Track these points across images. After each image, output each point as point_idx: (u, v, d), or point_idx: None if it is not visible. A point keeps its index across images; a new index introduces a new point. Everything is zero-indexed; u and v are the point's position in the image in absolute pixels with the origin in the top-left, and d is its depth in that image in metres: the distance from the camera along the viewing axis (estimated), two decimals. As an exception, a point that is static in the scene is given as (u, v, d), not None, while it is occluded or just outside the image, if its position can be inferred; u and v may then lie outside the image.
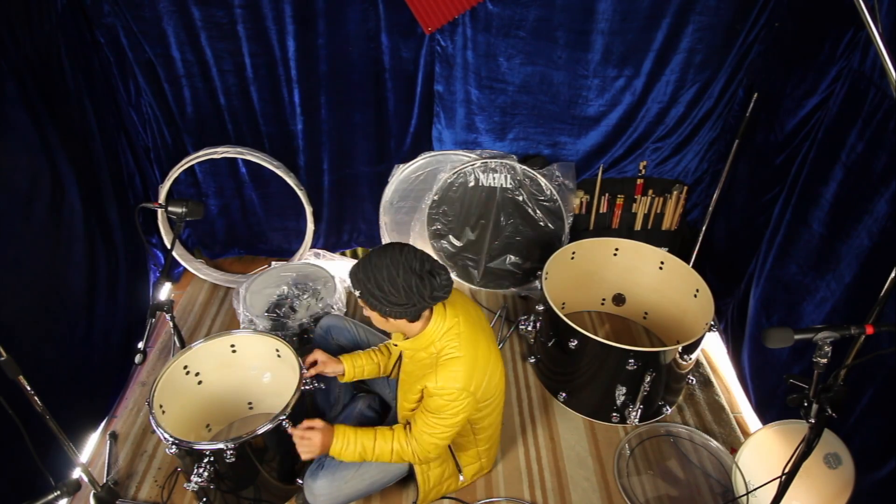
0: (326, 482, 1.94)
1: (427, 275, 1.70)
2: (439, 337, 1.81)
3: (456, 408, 1.80)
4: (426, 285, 1.69)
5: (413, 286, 1.67)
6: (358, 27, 2.58)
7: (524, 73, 2.71)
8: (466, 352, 1.80)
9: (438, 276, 1.72)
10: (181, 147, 2.90)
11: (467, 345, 1.81)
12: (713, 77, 2.68)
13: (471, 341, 1.83)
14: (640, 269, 2.85)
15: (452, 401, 1.78)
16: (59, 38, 2.25)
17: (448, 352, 1.80)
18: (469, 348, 1.81)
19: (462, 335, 1.82)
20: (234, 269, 3.40)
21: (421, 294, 1.69)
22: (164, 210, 2.16)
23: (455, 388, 1.77)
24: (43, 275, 2.11)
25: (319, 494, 1.93)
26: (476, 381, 1.81)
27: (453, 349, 1.80)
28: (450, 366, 1.78)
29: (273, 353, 2.21)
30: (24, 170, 2.02)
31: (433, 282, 1.70)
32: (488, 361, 1.87)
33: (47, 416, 1.76)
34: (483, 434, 2.07)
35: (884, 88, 1.80)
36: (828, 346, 1.35)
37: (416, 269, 1.68)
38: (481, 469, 2.22)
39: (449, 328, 1.81)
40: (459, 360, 1.79)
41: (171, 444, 1.84)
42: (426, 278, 1.69)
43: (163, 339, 2.92)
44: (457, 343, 1.80)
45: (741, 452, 2.11)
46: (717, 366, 2.91)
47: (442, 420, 1.81)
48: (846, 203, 1.98)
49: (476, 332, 1.86)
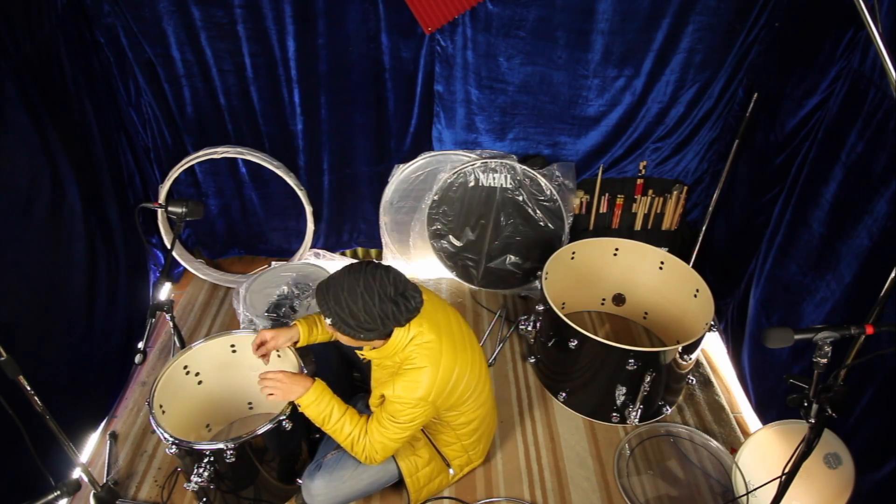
0: (324, 482, 1.94)
1: (401, 298, 1.69)
2: (402, 348, 1.80)
3: (412, 414, 1.80)
4: (401, 310, 1.69)
5: (389, 313, 1.67)
6: (358, 27, 2.58)
7: (524, 73, 2.71)
8: (428, 362, 1.79)
9: (412, 300, 1.71)
10: (181, 147, 2.90)
11: (429, 354, 1.80)
12: (713, 77, 2.68)
13: (433, 350, 1.81)
14: (640, 269, 2.85)
15: (410, 408, 1.79)
16: (59, 38, 2.25)
17: (410, 362, 1.80)
18: (431, 357, 1.80)
19: (425, 344, 1.80)
20: (234, 269, 3.40)
21: (396, 319, 1.69)
22: (164, 210, 2.16)
23: (413, 397, 1.78)
24: (43, 275, 2.11)
25: (317, 494, 1.93)
26: (437, 390, 1.80)
27: (415, 359, 1.79)
28: (408, 376, 1.79)
29: (273, 353, 2.20)
30: (24, 170, 2.02)
31: (408, 305, 1.70)
32: (454, 367, 1.85)
33: (47, 415, 1.76)
34: (464, 429, 2.07)
35: (884, 88, 1.80)
36: (828, 346, 1.35)
37: (390, 296, 1.67)
38: (470, 461, 2.21)
39: (412, 338, 1.79)
40: (420, 371, 1.78)
41: (171, 444, 1.84)
42: (401, 303, 1.68)
43: (163, 339, 2.92)
44: (418, 353, 1.79)
45: (741, 452, 2.11)
46: (717, 366, 2.90)
47: (395, 423, 1.82)
48: (846, 203, 1.98)
49: (441, 339, 1.84)
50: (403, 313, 1.69)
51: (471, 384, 1.94)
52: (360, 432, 1.87)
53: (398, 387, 1.78)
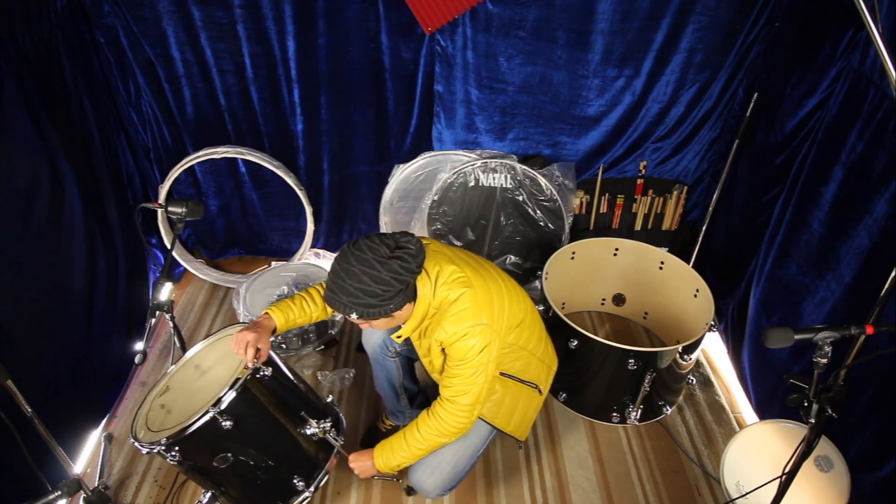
0: (425, 474, 1.95)
1: (398, 251, 1.60)
2: (433, 293, 1.72)
3: (478, 347, 1.70)
4: (407, 259, 1.59)
5: (397, 269, 1.58)
6: (358, 27, 2.58)
7: (524, 73, 2.71)
8: (463, 286, 1.71)
9: (410, 245, 1.62)
10: (181, 147, 2.90)
11: (460, 280, 1.72)
12: (713, 77, 2.68)
13: (462, 277, 1.73)
14: (640, 269, 2.85)
15: (472, 340, 1.69)
16: (58, 39, 2.25)
17: (446, 300, 1.71)
18: (464, 282, 1.72)
19: (451, 277, 1.72)
20: (234, 269, 3.40)
21: (409, 270, 1.60)
22: (164, 210, 2.15)
23: (466, 326, 1.68)
24: (43, 275, 2.11)
25: (429, 487, 1.96)
26: (486, 308, 1.72)
27: (448, 294, 1.71)
28: (451, 311, 1.70)
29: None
30: (24, 170, 2.02)
31: (409, 251, 1.61)
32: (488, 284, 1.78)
33: (36, 420, 1.73)
34: (532, 344, 1.99)
35: (884, 88, 1.80)
36: (828, 346, 1.35)
37: (387, 255, 1.58)
38: (549, 370, 2.14)
39: (436, 279, 1.72)
40: (460, 300, 1.70)
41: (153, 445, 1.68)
42: (401, 254, 1.59)
43: (163, 339, 2.92)
44: (449, 288, 1.71)
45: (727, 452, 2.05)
46: (717, 366, 2.90)
47: (467, 366, 1.72)
48: (846, 203, 1.98)
49: (463, 267, 1.77)
50: (411, 261, 1.60)
51: (513, 296, 1.87)
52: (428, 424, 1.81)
53: (447, 326, 1.70)
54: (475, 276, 1.78)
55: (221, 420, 1.68)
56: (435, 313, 1.76)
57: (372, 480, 2.28)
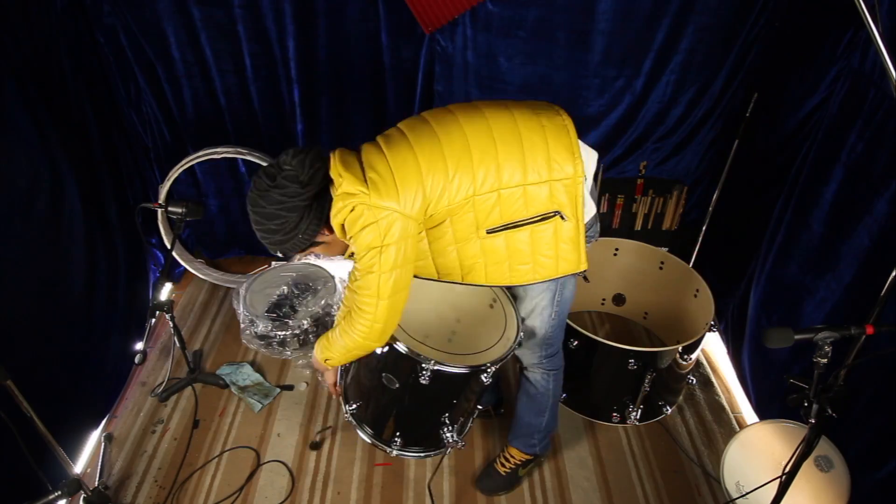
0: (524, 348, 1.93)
1: (278, 179, 1.45)
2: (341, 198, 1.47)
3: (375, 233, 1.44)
4: (285, 185, 1.44)
5: (279, 199, 1.45)
6: (358, 27, 2.58)
7: (524, 73, 2.70)
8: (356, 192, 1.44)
9: (288, 166, 1.47)
10: (181, 147, 2.90)
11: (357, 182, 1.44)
12: (713, 77, 2.68)
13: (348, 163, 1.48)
14: (640, 269, 2.85)
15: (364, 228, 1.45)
16: (59, 38, 2.25)
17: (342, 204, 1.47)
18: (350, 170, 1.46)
19: (350, 182, 1.44)
20: (234, 269, 3.39)
21: (293, 194, 1.45)
22: (164, 210, 2.16)
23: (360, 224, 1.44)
24: (43, 275, 2.11)
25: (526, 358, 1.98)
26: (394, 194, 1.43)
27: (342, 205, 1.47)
28: (342, 213, 1.47)
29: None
30: (24, 170, 2.02)
31: (289, 173, 1.45)
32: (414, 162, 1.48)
33: (37, 421, 1.73)
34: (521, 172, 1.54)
35: (884, 88, 1.80)
36: (828, 346, 1.35)
37: (267, 186, 1.46)
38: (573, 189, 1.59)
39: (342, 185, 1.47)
40: (343, 198, 1.45)
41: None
42: (280, 182, 1.45)
43: (163, 339, 2.92)
44: (343, 196, 1.46)
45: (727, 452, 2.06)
46: (717, 366, 2.90)
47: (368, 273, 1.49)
48: (846, 203, 1.98)
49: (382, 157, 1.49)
50: (289, 185, 1.44)
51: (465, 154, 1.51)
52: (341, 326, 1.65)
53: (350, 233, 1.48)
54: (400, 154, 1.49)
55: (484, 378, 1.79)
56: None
57: (372, 481, 2.28)
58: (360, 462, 2.35)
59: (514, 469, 2.23)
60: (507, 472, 2.23)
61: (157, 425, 2.49)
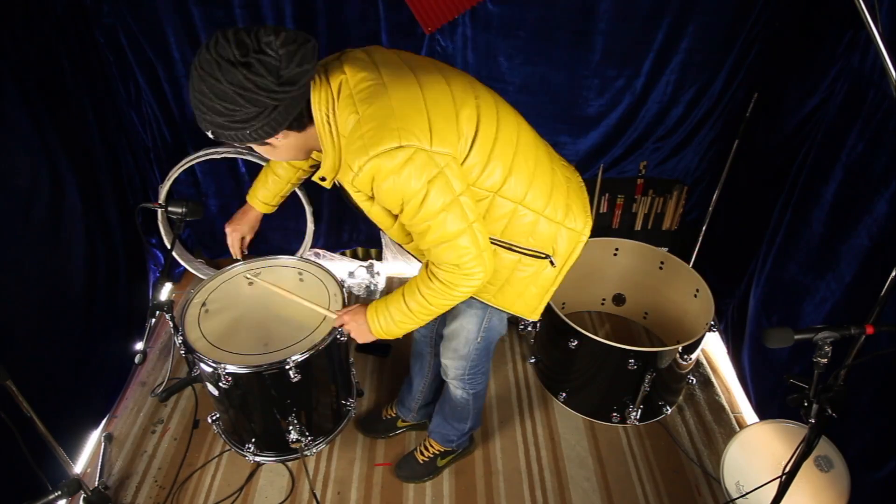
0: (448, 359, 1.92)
1: (254, 56, 1.14)
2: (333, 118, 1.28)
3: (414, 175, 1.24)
4: (259, 73, 1.14)
5: (243, 82, 1.15)
6: (358, 27, 2.58)
7: (524, 73, 2.70)
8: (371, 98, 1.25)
9: (271, 50, 1.15)
10: (181, 147, 2.90)
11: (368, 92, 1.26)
12: (713, 77, 2.68)
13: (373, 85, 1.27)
14: (640, 269, 2.85)
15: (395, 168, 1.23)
16: (59, 38, 2.25)
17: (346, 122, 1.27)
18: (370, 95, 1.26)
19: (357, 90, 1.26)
20: (234, 269, 3.39)
21: (262, 87, 1.15)
22: (164, 210, 2.15)
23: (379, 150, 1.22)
24: (43, 275, 2.11)
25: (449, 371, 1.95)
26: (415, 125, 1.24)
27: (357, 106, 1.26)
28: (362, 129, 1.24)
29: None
30: (24, 170, 2.02)
31: (269, 61, 1.15)
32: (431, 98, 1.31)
33: (37, 420, 1.73)
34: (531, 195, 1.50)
35: (884, 88, 1.80)
36: (828, 346, 1.35)
37: (235, 59, 1.14)
38: (571, 233, 1.62)
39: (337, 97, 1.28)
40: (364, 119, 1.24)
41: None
42: (253, 64, 1.14)
43: (163, 339, 2.92)
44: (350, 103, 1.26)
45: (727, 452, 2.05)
46: (717, 366, 2.90)
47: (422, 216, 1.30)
48: (846, 203, 1.98)
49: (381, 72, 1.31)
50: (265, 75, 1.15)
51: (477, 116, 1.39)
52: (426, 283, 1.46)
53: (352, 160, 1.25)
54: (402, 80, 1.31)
55: (293, 374, 1.87)
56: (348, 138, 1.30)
57: (372, 481, 2.28)
58: (360, 462, 2.35)
59: (431, 458, 2.27)
60: (424, 461, 2.27)
61: (157, 425, 2.49)
